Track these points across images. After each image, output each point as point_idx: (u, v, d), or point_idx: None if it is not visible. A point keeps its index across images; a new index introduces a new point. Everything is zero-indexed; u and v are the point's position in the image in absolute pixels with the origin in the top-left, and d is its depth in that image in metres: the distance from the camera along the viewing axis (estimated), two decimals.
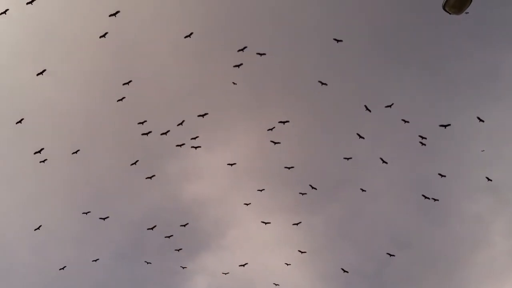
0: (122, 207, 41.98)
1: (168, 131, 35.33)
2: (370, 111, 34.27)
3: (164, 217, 42.55)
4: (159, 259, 40.50)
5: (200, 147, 37.05)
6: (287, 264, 38.36)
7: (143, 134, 35.25)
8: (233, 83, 35.57)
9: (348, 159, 36.04)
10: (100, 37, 32.44)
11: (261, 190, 37.50)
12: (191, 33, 33.01)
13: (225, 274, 39.62)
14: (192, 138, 36.07)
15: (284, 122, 35.23)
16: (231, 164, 37.52)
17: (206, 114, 35.54)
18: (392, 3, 39.16)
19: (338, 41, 32.49)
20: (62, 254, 40.83)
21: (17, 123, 33.67)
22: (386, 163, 35.21)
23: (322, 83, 34.02)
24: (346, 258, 42.22)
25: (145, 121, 34.93)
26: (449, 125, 32.91)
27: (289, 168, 37.14)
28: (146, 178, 36.56)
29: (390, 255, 36.49)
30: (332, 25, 37.21)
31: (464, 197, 42.57)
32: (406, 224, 42.88)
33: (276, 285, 38.28)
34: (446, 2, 10.61)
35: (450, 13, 10.84)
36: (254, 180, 40.66)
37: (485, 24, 38.31)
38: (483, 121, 33.10)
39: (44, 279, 40.80)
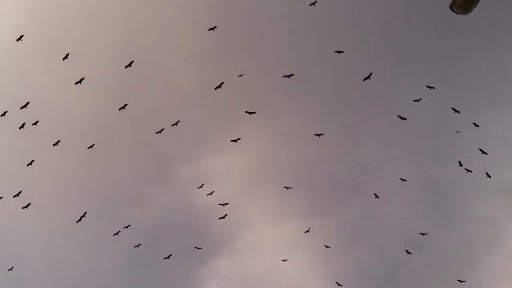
0: (134, 213, 42.36)
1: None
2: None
3: (177, 222, 42.79)
4: (171, 264, 40.70)
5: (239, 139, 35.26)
6: (327, 247, 37.15)
7: (157, 132, 34.38)
8: (239, 75, 33.67)
9: (319, 135, 34.68)
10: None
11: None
12: (215, 27, 32.11)
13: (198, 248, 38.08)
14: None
15: (250, 113, 33.91)
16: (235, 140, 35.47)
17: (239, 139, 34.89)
18: (397, 3, 39.22)
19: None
20: (76, 261, 41.22)
21: (33, 124, 33.60)
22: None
23: (339, 52, 31.97)
24: (359, 261, 42.09)
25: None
26: (371, 73, 31.14)
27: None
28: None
29: (408, 252, 36.46)
30: (339, 26, 37.28)
31: (477, 198, 42.26)
32: (419, 226, 42.61)
33: (284, 260, 37.46)
34: (453, 2, 10.68)
35: (457, 13, 10.93)
36: (266, 183, 40.78)
37: (492, 24, 38.18)
38: None
39: (59, 286, 41.21)
